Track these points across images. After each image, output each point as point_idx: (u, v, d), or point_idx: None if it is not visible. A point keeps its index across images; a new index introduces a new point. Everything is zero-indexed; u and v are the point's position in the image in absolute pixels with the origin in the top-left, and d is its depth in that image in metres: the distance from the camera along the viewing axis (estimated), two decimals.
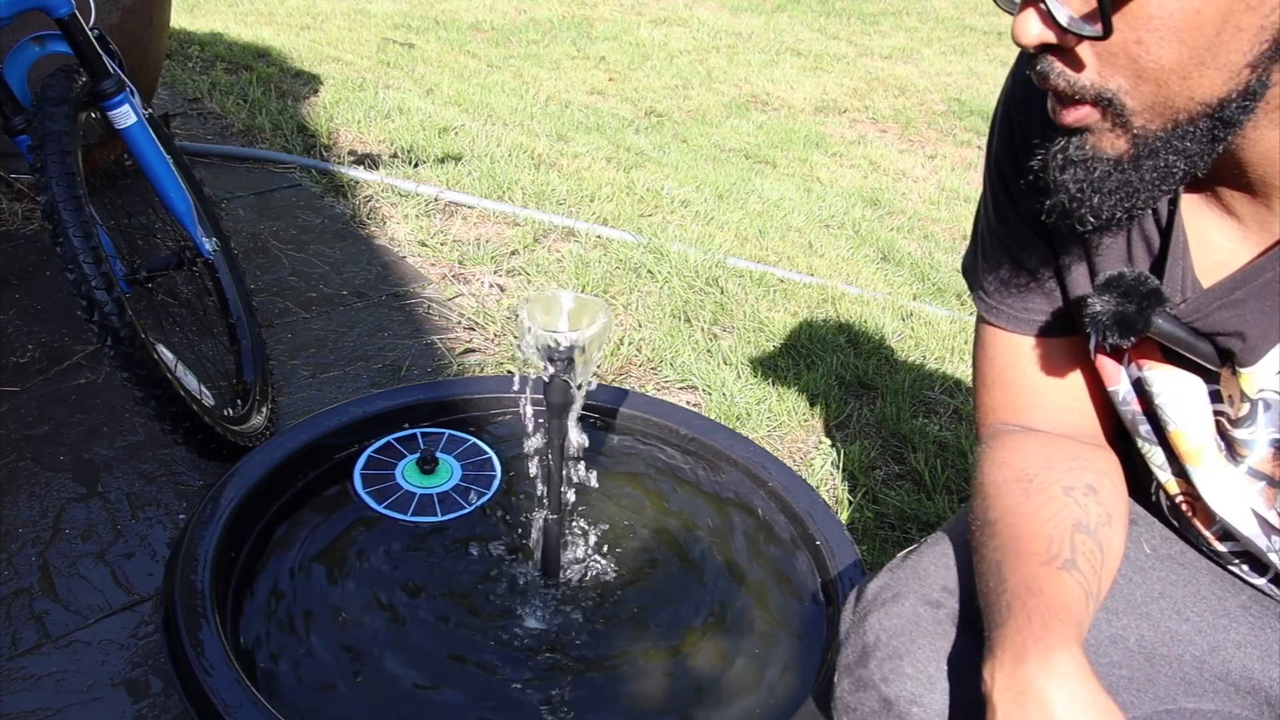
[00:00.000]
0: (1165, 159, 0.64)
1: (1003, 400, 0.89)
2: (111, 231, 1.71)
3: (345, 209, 2.53)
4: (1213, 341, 0.72)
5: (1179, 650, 0.80)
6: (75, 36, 1.45)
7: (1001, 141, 0.84)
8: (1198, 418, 0.76)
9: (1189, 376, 0.76)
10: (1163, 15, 0.59)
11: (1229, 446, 0.75)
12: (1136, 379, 0.79)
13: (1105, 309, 0.70)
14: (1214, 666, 0.79)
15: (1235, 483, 0.76)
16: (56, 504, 1.48)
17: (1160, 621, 0.81)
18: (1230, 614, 0.82)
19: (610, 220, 2.68)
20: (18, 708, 1.17)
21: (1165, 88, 0.61)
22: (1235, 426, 0.74)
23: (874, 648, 0.79)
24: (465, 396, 1.63)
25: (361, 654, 1.21)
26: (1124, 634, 0.80)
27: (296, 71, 3.56)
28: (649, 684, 1.23)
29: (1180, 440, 0.77)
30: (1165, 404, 0.77)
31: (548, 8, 5.84)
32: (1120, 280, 0.70)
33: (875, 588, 0.84)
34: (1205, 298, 0.71)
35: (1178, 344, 0.72)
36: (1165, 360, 0.76)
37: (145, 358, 1.31)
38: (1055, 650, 0.66)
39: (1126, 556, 0.84)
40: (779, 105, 4.83)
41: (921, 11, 7.21)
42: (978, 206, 0.91)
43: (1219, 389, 0.75)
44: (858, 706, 0.79)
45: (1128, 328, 0.70)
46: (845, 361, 2.13)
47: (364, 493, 1.44)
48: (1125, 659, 0.79)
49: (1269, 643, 0.80)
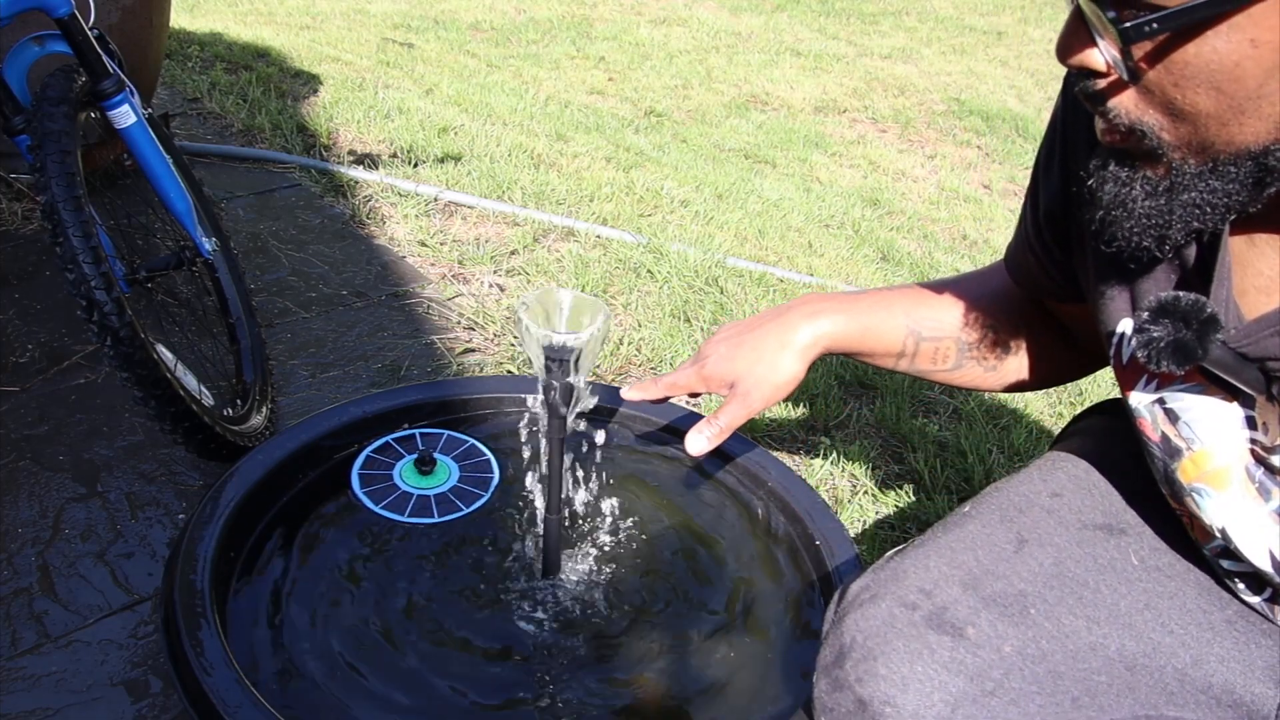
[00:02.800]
0: (1202, 196, 0.62)
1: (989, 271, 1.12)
2: (111, 231, 1.71)
3: (345, 209, 2.53)
4: (1261, 368, 0.70)
5: (1161, 661, 0.79)
6: (75, 36, 1.44)
7: (1054, 122, 0.86)
8: (1229, 440, 0.75)
9: (1221, 400, 0.74)
10: (1199, 64, 0.57)
11: (1270, 474, 0.74)
12: (1158, 397, 0.78)
13: (1163, 335, 0.67)
14: (1196, 679, 0.79)
15: (1259, 519, 0.75)
16: (56, 504, 1.48)
17: (1144, 633, 0.80)
18: (1215, 628, 0.81)
19: (610, 220, 2.68)
20: (17, 708, 1.17)
21: (1202, 130, 0.60)
22: (1273, 454, 0.73)
23: (850, 649, 0.80)
24: (465, 397, 1.63)
25: (361, 654, 1.21)
26: (1104, 642, 0.80)
27: (296, 71, 3.56)
28: (648, 685, 1.23)
29: (1205, 460, 0.76)
30: (1193, 421, 0.76)
31: (547, 8, 5.84)
32: (1176, 306, 0.67)
33: (856, 589, 0.84)
34: (1257, 325, 0.69)
35: (1226, 370, 0.70)
36: (1200, 378, 0.75)
37: (145, 358, 1.31)
38: (821, 315, 1.05)
39: (1113, 567, 0.84)
40: (779, 105, 4.83)
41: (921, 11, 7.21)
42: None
43: (1255, 415, 0.74)
44: (834, 707, 0.80)
45: (1186, 355, 0.67)
46: (845, 361, 2.13)
47: (361, 493, 1.44)
48: (1104, 666, 0.78)
49: (1253, 658, 0.79)
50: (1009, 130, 4.88)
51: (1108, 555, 0.85)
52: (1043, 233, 0.92)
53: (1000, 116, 5.06)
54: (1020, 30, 7.06)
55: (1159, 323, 0.68)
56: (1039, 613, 0.80)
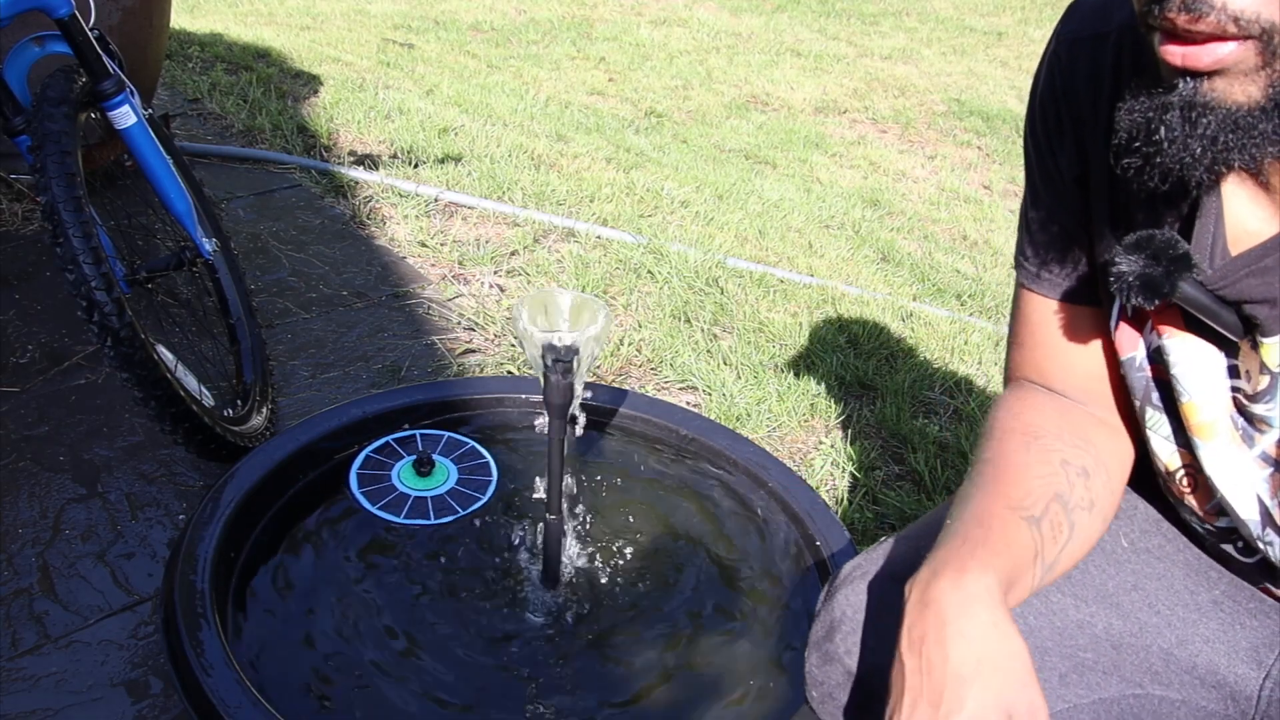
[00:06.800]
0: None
1: (1030, 359, 0.90)
2: (111, 232, 1.71)
3: (345, 209, 2.53)
4: (1238, 311, 0.70)
5: (1147, 641, 0.80)
6: (75, 37, 1.44)
7: (1046, 94, 0.83)
8: (1213, 391, 0.75)
9: (1208, 347, 0.75)
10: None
11: (1249, 422, 0.75)
12: (1156, 347, 0.78)
13: (1131, 269, 0.68)
14: (1181, 659, 0.80)
15: (1244, 466, 0.76)
16: (56, 504, 1.48)
17: (1131, 612, 0.82)
18: (1201, 609, 0.82)
19: (610, 221, 2.68)
20: (17, 708, 1.17)
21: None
22: (1253, 401, 0.73)
23: (839, 623, 0.81)
24: (465, 397, 1.63)
25: (360, 654, 1.21)
26: (1091, 620, 0.81)
27: (296, 72, 3.56)
28: (649, 686, 1.23)
29: (1193, 412, 0.76)
30: (1181, 374, 0.76)
31: (548, 8, 5.84)
32: (1150, 241, 0.68)
33: (848, 568, 0.85)
34: (1233, 264, 0.69)
35: (1202, 311, 0.71)
36: (1186, 329, 0.75)
37: (145, 358, 1.31)
38: (969, 571, 0.67)
39: (1102, 549, 0.85)
40: (779, 106, 4.83)
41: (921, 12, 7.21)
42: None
43: (1238, 364, 0.74)
44: (824, 680, 0.81)
45: (1153, 291, 0.68)
46: (845, 361, 2.13)
47: (359, 494, 1.44)
48: (1091, 644, 0.80)
49: (1237, 639, 0.81)
50: (1009, 131, 4.88)
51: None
52: (1069, 199, 0.89)
53: (1000, 117, 5.06)
54: (1020, 31, 7.06)
55: (1131, 257, 0.68)
56: None
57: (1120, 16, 0.77)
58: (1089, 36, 0.79)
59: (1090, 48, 0.78)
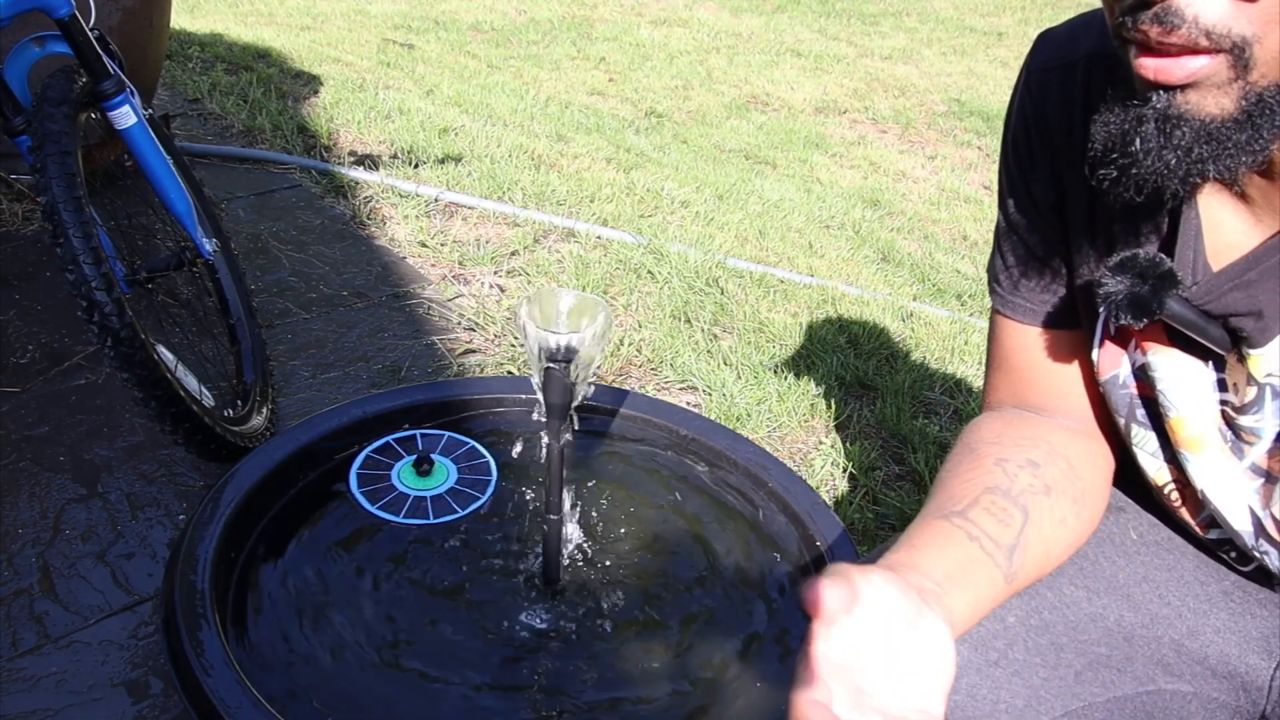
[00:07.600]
0: (1266, 124, 0.60)
1: (1005, 383, 0.91)
2: (111, 232, 1.71)
3: (345, 210, 2.53)
4: (1224, 324, 0.71)
5: (1158, 632, 0.81)
6: (75, 37, 1.45)
7: (1018, 125, 0.84)
8: (1201, 405, 0.76)
9: (1194, 362, 0.76)
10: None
11: (1236, 435, 0.75)
12: (1140, 364, 0.79)
13: (1119, 290, 0.70)
14: (1192, 650, 0.80)
15: (1235, 478, 0.76)
16: (56, 504, 1.48)
17: (1141, 604, 0.82)
18: (1212, 600, 0.83)
19: (610, 221, 2.68)
20: (18, 708, 1.17)
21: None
22: (1241, 414, 0.74)
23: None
24: (465, 397, 1.63)
25: (360, 655, 1.21)
26: (1104, 613, 0.81)
27: (296, 72, 3.56)
28: (649, 686, 1.23)
29: (1180, 426, 0.77)
30: (1168, 389, 0.77)
31: (548, 8, 5.84)
32: (1134, 261, 0.70)
33: (855, 565, 0.85)
34: (1217, 279, 0.70)
35: (1189, 327, 0.72)
36: (1171, 344, 0.76)
37: (145, 358, 1.31)
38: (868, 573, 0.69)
39: (1112, 541, 0.85)
40: (779, 106, 4.83)
41: (921, 12, 7.21)
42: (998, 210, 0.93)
43: (1225, 377, 0.75)
44: None
45: (1142, 309, 0.69)
46: (845, 361, 2.13)
47: (359, 494, 1.44)
48: (1104, 637, 0.80)
49: (1247, 629, 0.81)
50: None
51: (1107, 529, 0.86)
52: (1044, 227, 0.91)
53: (1000, 117, 5.04)
54: (1020, 31, 7.06)
55: (1117, 277, 0.70)
56: (1042, 583, 0.81)
57: (1088, 44, 0.78)
58: (1058, 65, 0.80)
59: (1060, 76, 0.79)
